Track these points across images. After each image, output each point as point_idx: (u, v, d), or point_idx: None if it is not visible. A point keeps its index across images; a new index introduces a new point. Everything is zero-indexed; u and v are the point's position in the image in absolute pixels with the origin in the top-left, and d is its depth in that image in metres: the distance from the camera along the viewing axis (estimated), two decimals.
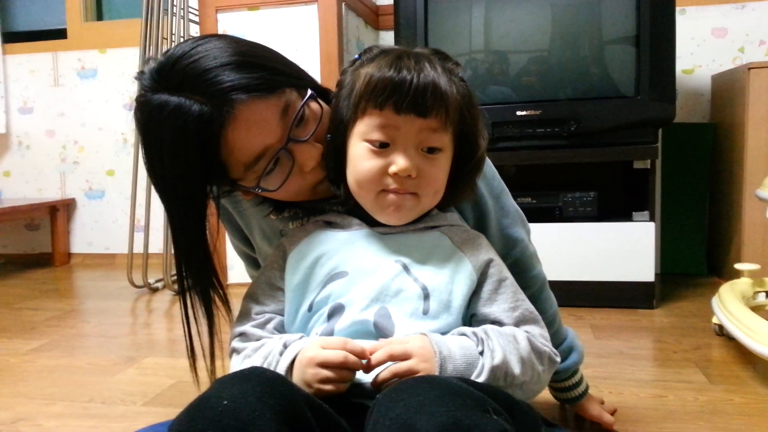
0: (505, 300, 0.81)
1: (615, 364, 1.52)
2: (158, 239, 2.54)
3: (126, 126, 3.09)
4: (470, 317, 0.82)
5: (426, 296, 0.77)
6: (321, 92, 0.89)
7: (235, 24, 2.38)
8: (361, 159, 0.78)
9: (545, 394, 1.16)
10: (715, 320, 1.67)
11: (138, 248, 2.52)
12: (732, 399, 1.30)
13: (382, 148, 0.77)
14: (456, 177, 0.83)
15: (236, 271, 2.44)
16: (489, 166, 0.98)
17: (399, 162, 0.75)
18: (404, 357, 0.69)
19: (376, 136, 0.77)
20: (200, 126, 0.75)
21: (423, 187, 0.78)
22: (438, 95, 0.75)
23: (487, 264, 0.82)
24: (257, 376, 0.64)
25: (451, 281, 0.79)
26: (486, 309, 0.80)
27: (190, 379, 1.49)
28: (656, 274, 1.98)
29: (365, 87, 0.76)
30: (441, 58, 0.81)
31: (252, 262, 1.13)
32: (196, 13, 2.49)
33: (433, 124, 0.76)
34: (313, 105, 0.84)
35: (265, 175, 0.82)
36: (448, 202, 0.86)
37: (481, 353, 0.73)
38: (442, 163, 0.79)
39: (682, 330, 1.77)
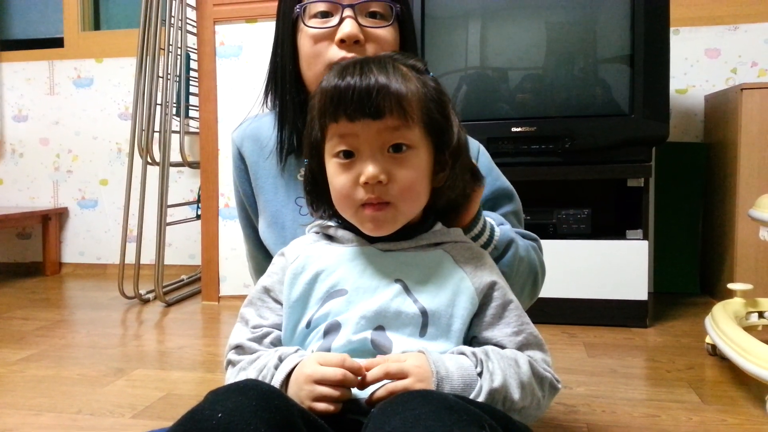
0: (508, 324, 0.79)
1: (608, 383, 1.51)
2: (150, 250, 2.53)
3: (120, 135, 3.08)
4: (471, 339, 0.80)
5: (425, 319, 0.76)
6: (407, 30, 1.01)
7: (233, 36, 2.39)
8: (333, 176, 0.78)
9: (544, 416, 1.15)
10: (708, 340, 1.67)
11: (130, 259, 2.50)
12: (725, 419, 1.30)
13: (348, 158, 0.76)
14: (440, 175, 0.80)
15: (228, 283, 2.43)
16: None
17: (366, 170, 0.74)
18: (401, 375, 0.68)
19: (339, 148, 0.76)
20: None
21: (398, 192, 0.76)
22: (387, 93, 0.73)
23: (491, 287, 0.80)
24: (252, 388, 0.63)
25: (452, 304, 0.77)
26: (488, 333, 0.78)
27: (180, 392, 1.49)
28: (649, 293, 1.98)
29: (319, 104, 0.77)
30: (402, 57, 0.80)
31: (252, 232, 1.13)
32: (194, 24, 2.50)
33: (391, 123, 0.74)
34: (389, 20, 0.97)
35: (318, 17, 0.95)
36: (441, 202, 0.83)
37: (480, 374, 0.71)
38: (413, 161, 0.76)
39: (675, 349, 1.77)
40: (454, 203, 0.83)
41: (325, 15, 0.95)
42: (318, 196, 0.84)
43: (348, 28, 0.93)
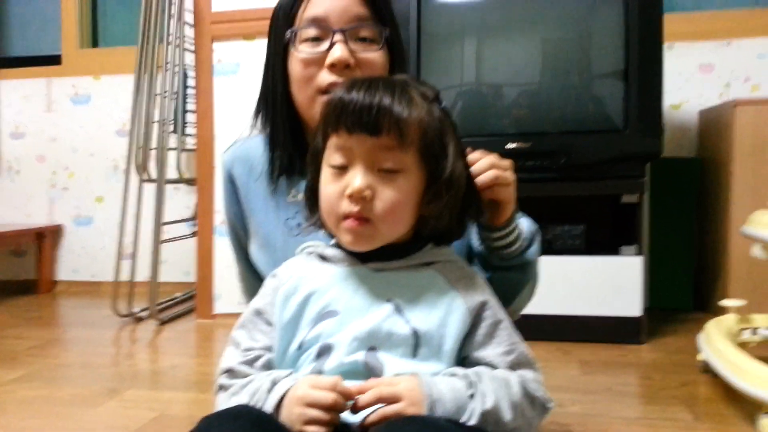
0: (500, 344, 0.79)
1: (602, 401, 1.51)
2: (145, 267, 2.52)
3: (117, 152, 3.09)
4: (463, 359, 0.80)
5: (417, 340, 0.76)
6: (396, 54, 1.02)
7: (230, 53, 2.41)
8: (324, 185, 0.80)
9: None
10: (699, 357, 1.66)
11: (124, 276, 2.49)
12: None
13: (341, 170, 0.78)
14: (430, 204, 0.80)
15: (223, 300, 2.43)
16: None
17: (353, 182, 0.76)
18: (393, 399, 0.69)
19: (335, 158, 0.78)
20: None
21: (380, 211, 0.76)
22: (387, 112, 0.75)
23: (482, 306, 0.80)
24: (245, 414, 0.64)
25: (444, 324, 0.77)
26: (480, 353, 0.79)
27: (173, 413, 1.48)
28: (644, 309, 1.98)
29: (324, 114, 0.80)
30: (415, 83, 0.82)
31: (242, 254, 1.13)
32: (192, 42, 2.51)
33: (386, 143, 0.76)
34: (379, 44, 0.98)
35: (309, 42, 0.96)
36: (426, 231, 0.83)
37: (472, 396, 0.71)
38: (401, 184, 0.77)
39: (669, 366, 1.76)
40: (440, 232, 0.83)
41: (316, 40, 0.96)
42: (315, 202, 0.85)
43: (338, 52, 0.94)
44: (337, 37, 0.95)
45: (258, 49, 2.37)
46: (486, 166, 0.88)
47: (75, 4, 3.19)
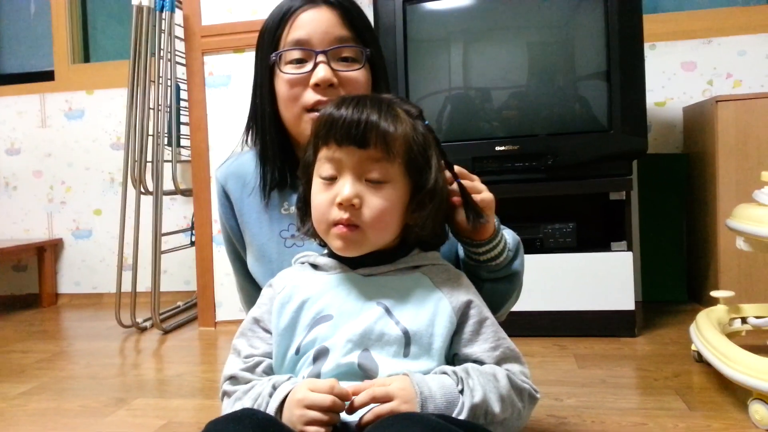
0: (486, 340, 0.84)
1: (598, 393, 1.55)
2: (146, 278, 2.55)
3: (113, 165, 3.12)
4: (452, 356, 0.85)
5: (407, 339, 0.81)
6: (378, 71, 1.08)
7: (221, 66, 2.44)
8: (315, 194, 0.86)
9: (534, 429, 1.18)
10: (694, 347, 1.71)
11: (126, 287, 2.53)
12: (711, 425, 1.34)
13: (331, 180, 0.83)
14: (415, 213, 0.85)
15: (224, 308, 2.46)
16: None
17: (342, 191, 0.81)
18: (386, 399, 0.73)
19: (325, 169, 0.84)
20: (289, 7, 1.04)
21: (368, 218, 0.81)
22: (374, 127, 0.81)
23: (467, 305, 0.85)
24: (249, 417, 0.68)
25: (432, 324, 0.82)
26: (467, 349, 0.84)
27: (180, 419, 1.51)
28: (637, 302, 2.02)
29: (314, 128, 0.86)
30: (400, 102, 0.88)
31: (240, 265, 1.18)
32: (183, 55, 2.55)
33: (374, 155, 0.81)
34: (360, 63, 1.03)
35: (293, 63, 1.02)
36: (410, 238, 0.88)
37: (461, 392, 0.76)
38: (388, 193, 0.83)
39: (662, 357, 1.81)
40: (424, 239, 0.89)
41: (300, 61, 1.02)
42: (306, 212, 0.90)
43: (322, 73, 1.00)
44: (320, 58, 1.01)
45: (248, 61, 2.41)
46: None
47: (66, 21, 3.22)
